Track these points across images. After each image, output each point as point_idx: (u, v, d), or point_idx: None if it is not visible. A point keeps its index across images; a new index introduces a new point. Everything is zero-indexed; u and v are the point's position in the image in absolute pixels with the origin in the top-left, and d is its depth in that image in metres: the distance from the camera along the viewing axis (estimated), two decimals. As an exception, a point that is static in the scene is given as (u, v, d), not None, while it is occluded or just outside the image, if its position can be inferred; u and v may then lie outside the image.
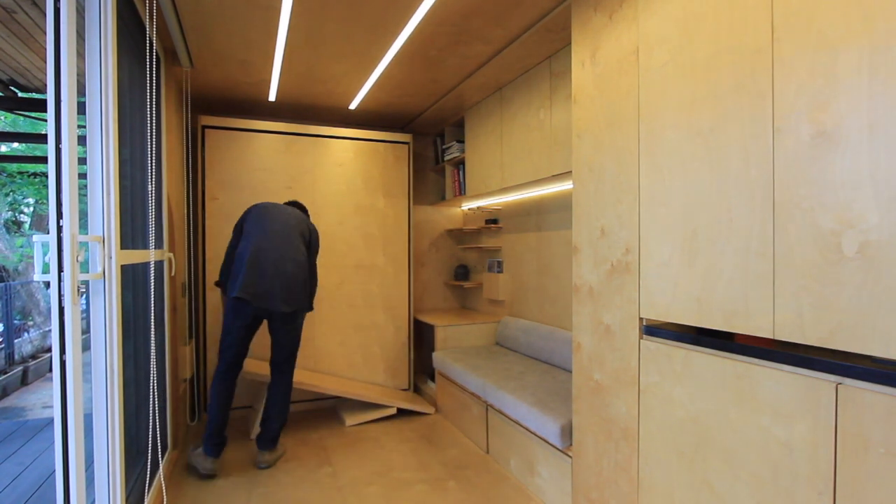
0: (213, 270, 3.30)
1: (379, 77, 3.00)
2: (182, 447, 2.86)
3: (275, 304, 2.46)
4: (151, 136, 2.22)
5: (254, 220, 2.63)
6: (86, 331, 1.74)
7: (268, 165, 3.43)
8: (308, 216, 2.91)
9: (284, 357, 2.67)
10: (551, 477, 2.22)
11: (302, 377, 3.21)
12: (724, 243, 1.41)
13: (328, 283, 3.60)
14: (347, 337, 3.65)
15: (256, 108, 3.68)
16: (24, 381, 5.46)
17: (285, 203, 2.90)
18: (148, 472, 2.09)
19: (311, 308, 2.70)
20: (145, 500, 2.00)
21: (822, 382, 1.18)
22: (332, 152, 3.61)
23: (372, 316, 3.72)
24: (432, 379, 3.78)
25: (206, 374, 3.29)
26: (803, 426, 1.21)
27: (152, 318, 2.20)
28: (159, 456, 2.22)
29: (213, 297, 3.30)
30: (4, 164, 7.46)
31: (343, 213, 3.65)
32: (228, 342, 2.53)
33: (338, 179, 3.63)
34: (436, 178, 4.44)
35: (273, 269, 2.50)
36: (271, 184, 3.44)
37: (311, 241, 2.77)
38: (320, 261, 3.57)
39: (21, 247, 7.82)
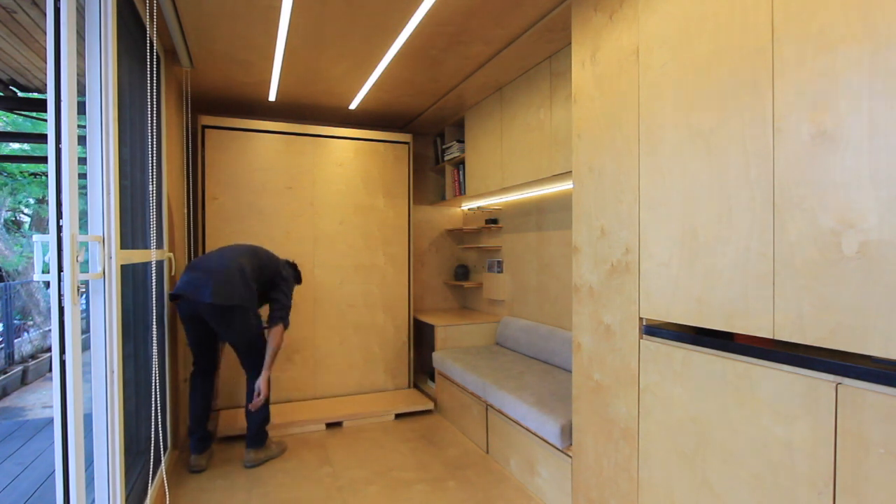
0: (213, 270, 3.30)
1: (379, 77, 3.00)
2: (182, 447, 2.86)
3: (203, 294, 2.39)
4: (151, 136, 2.22)
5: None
6: (86, 331, 1.74)
7: (268, 165, 3.43)
8: (288, 271, 2.85)
9: (243, 358, 2.66)
10: (551, 477, 2.22)
11: (291, 415, 3.16)
12: (724, 243, 1.41)
13: (328, 283, 3.60)
14: (347, 337, 3.66)
15: (256, 108, 3.68)
16: (23, 380, 5.46)
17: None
18: (151, 472, 2.09)
19: (247, 307, 2.53)
20: (146, 499, 2.00)
21: (822, 382, 1.18)
22: (332, 152, 3.61)
23: (372, 316, 3.73)
24: (432, 379, 3.78)
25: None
26: (803, 426, 1.21)
27: (152, 317, 2.20)
28: (162, 455, 2.22)
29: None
30: (5, 164, 7.46)
31: (343, 213, 3.65)
32: (190, 348, 2.65)
33: (338, 179, 3.63)
34: (436, 178, 4.44)
35: (206, 266, 2.51)
36: (271, 184, 3.44)
37: (262, 266, 2.70)
38: (320, 259, 3.57)
39: (21, 248, 7.82)
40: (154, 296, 2.21)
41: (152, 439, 2.14)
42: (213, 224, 3.31)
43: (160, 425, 2.17)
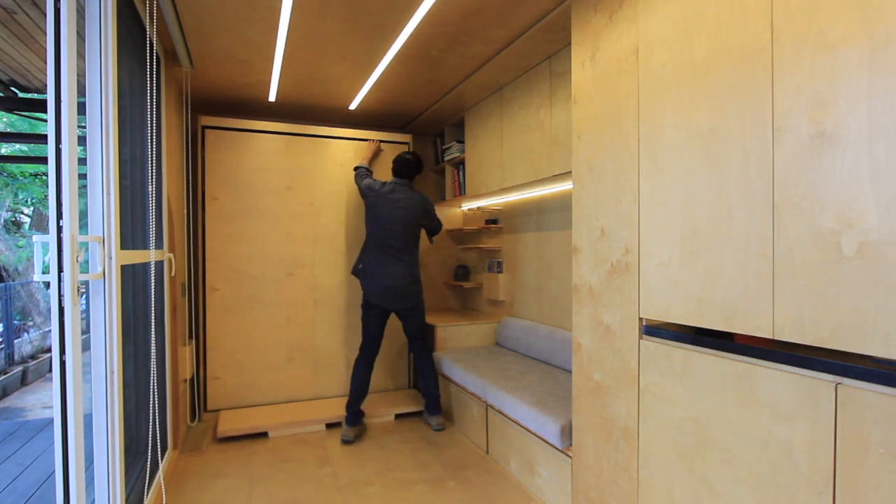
0: (213, 270, 3.30)
1: (379, 77, 3.00)
2: (182, 447, 2.86)
3: (394, 305, 3.06)
4: (151, 136, 2.22)
5: (372, 221, 3.09)
6: (86, 331, 1.74)
7: (268, 165, 3.43)
8: (413, 176, 3.19)
9: (414, 341, 3.20)
10: (551, 477, 2.22)
11: (291, 415, 3.19)
12: (723, 243, 1.41)
13: (330, 285, 3.60)
14: (348, 337, 3.65)
15: (256, 108, 3.69)
16: (23, 381, 5.47)
17: (395, 178, 3.16)
18: (148, 473, 2.09)
19: (420, 301, 3.16)
20: (145, 500, 2.00)
21: (822, 382, 1.18)
22: (332, 152, 3.61)
23: None
24: (432, 379, 3.77)
25: (207, 375, 3.29)
26: (803, 426, 1.22)
27: (152, 318, 2.20)
28: (159, 456, 2.22)
29: (213, 298, 3.30)
30: (4, 165, 7.47)
31: (344, 214, 3.65)
32: (366, 337, 3.13)
33: (338, 180, 3.63)
34: (436, 179, 4.44)
35: (388, 283, 3.02)
36: (271, 184, 3.44)
37: (420, 223, 3.13)
38: (320, 259, 3.56)
39: (21, 247, 7.82)
40: (154, 296, 2.21)
41: (155, 440, 2.14)
42: (213, 224, 3.30)
43: (159, 425, 2.17)
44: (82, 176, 1.41)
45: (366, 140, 3.71)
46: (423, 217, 3.13)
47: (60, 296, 1.31)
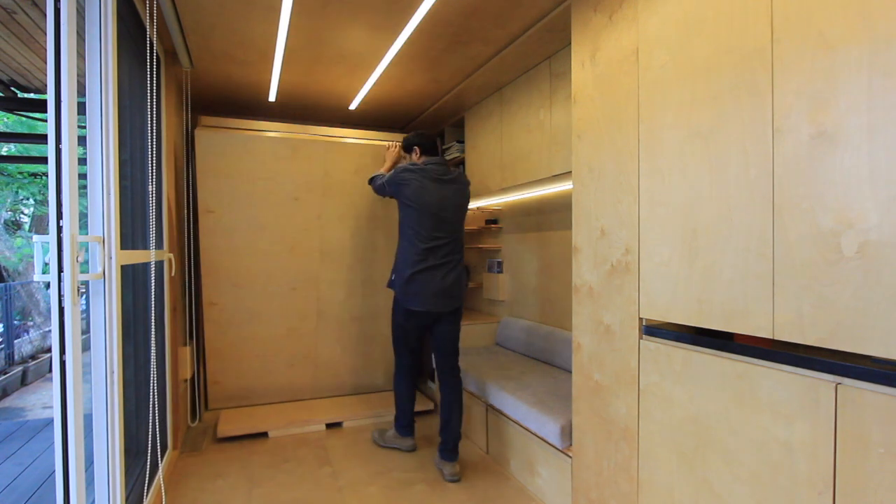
0: (210, 280, 3.28)
1: (379, 77, 3.00)
2: (182, 447, 2.86)
3: (443, 305, 2.58)
4: (151, 136, 2.22)
5: (416, 211, 2.53)
6: (86, 331, 1.75)
7: (269, 166, 3.40)
8: (452, 170, 2.66)
9: (452, 357, 2.72)
10: (551, 477, 2.22)
11: (291, 415, 3.17)
12: (723, 243, 1.41)
13: (334, 298, 3.53)
14: (349, 345, 3.60)
15: (256, 108, 3.68)
16: (23, 381, 5.47)
17: (436, 162, 2.61)
18: (147, 473, 2.09)
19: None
20: (145, 500, 2.00)
21: (822, 382, 1.18)
22: (344, 157, 3.49)
23: (377, 327, 3.66)
24: (432, 379, 3.77)
25: (206, 375, 3.28)
26: (803, 426, 1.22)
27: (152, 318, 2.20)
28: (159, 456, 2.22)
29: (212, 312, 3.29)
30: (4, 165, 7.47)
31: (355, 225, 3.55)
32: (409, 351, 2.80)
33: (350, 190, 3.51)
34: (436, 179, 4.43)
35: (440, 286, 2.57)
36: (273, 185, 3.40)
37: (468, 202, 2.70)
38: (333, 276, 3.51)
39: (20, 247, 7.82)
40: (154, 296, 2.21)
41: (155, 440, 2.14)
42: (212, 224, 3.29)
43: (158, 425, 2.17)
44: (82, 176, 1.41)
45: (382, 141, 3.58)
46: (469, 194, 2.72)
47: (60, 296, 1.31)
